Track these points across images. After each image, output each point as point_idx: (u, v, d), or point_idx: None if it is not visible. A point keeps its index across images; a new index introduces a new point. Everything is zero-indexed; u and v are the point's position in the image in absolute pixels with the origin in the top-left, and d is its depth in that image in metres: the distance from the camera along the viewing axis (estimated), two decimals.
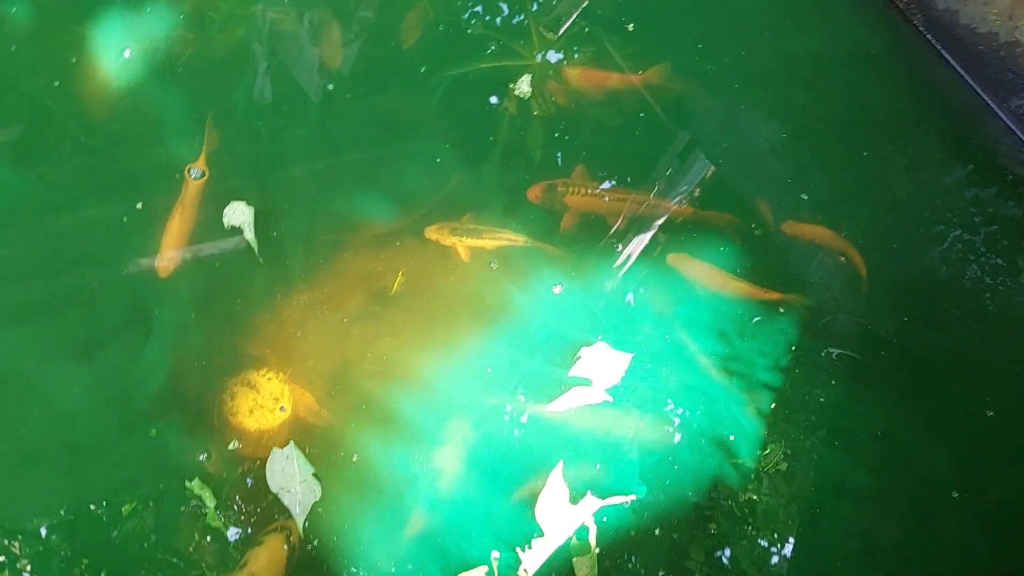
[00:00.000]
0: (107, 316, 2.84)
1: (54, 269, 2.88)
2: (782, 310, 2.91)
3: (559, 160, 3.15)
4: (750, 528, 2.67)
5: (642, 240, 3.03)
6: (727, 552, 2.63)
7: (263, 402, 2.72)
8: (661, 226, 3.05)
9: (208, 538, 2.58)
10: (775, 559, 2.64)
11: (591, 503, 2.64)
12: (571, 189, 3.03)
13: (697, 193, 3.11)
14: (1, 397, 2.67)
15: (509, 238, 2.96)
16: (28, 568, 2.56)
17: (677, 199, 3.09)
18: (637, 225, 3.06)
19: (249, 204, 2.95)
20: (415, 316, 2.88)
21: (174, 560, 2.57)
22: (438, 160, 3.14)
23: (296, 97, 3.22)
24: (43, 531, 2.57)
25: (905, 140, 3.18)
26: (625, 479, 2.68)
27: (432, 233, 2.95)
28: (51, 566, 2.56)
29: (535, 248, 2.95)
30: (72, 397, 2.67)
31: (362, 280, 2.93)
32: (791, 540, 2.66)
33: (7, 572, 2.54)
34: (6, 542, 2.56)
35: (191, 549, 2.57)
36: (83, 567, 2.55)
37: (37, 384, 2.70)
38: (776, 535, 2.66)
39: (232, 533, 2.59)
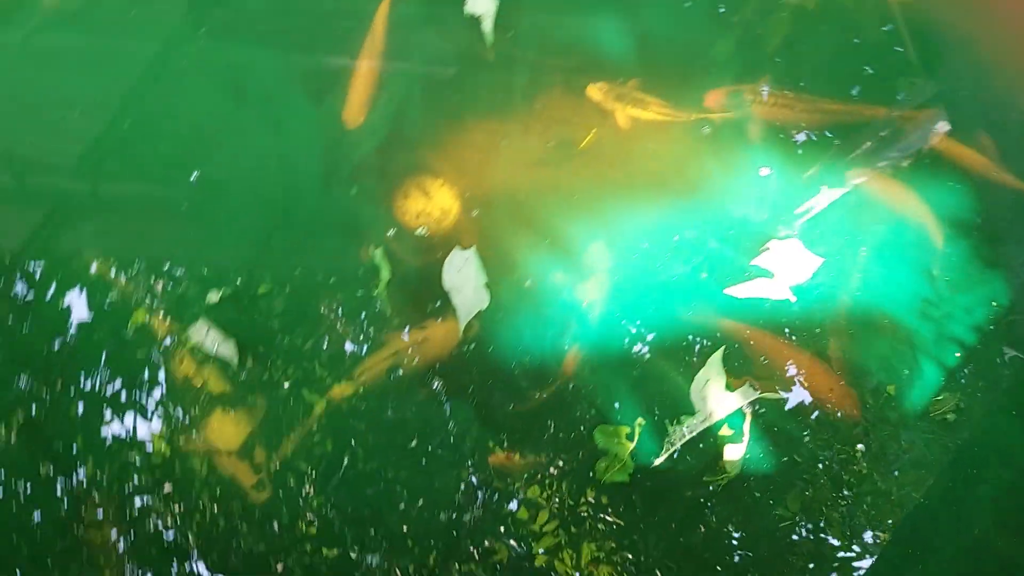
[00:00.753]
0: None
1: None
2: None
3: (788, 55, 2.94)
4: (906, 459, 2.56)
5: (861, 156, 2.84)
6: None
7: (431, 210, 2.71)
8: (882, 149, 2.84)
9: (373, 307, 2.62)
10: (917, 498, 2.54)
11: (747, 393, 2.56)
12: (761, 98, 2.82)
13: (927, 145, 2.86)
14: (238, 109, 2.74)
15: (681, 116, 2.79)
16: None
17: (903, 146, 2.84)
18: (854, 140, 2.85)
19: None
20: (608, 171, 2.79)
21: (334, 317, 2.62)
22: (687, 4, 2.97)
23: None
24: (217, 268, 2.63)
25: None
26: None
27: (596, 92, 2.79)
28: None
29: (743, 123, 2.77)
30: (296, 130, 2.70)
31: (558, 124, 2.83)
32: (937, 489, 2.54)
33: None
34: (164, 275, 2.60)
35: (354, 312, 2.62)
36: (246, 319, 2.60)
37: (273, 106, 2.75)
38: (926, 482, 2.55)
39: (393, 311, 2.62)
